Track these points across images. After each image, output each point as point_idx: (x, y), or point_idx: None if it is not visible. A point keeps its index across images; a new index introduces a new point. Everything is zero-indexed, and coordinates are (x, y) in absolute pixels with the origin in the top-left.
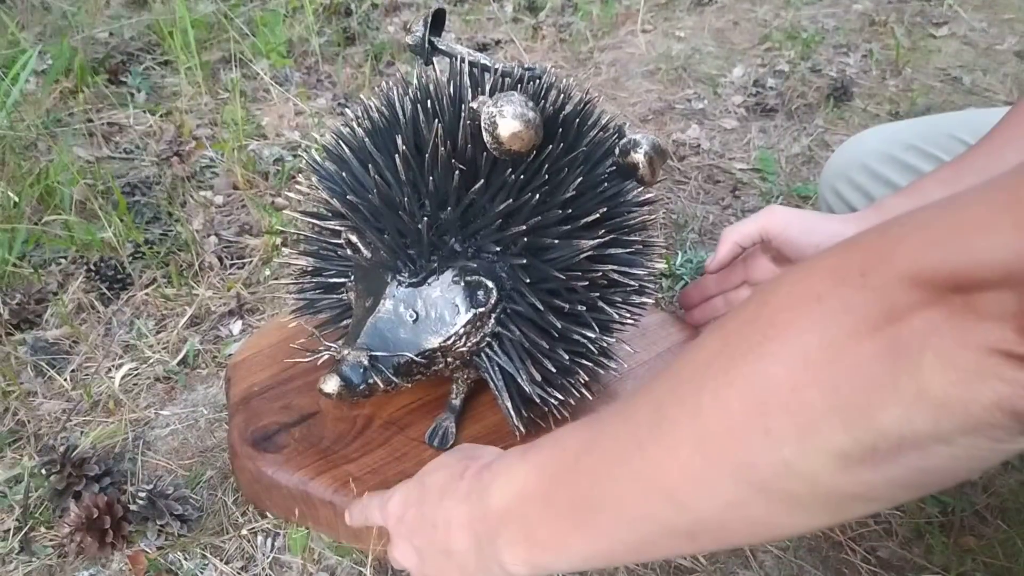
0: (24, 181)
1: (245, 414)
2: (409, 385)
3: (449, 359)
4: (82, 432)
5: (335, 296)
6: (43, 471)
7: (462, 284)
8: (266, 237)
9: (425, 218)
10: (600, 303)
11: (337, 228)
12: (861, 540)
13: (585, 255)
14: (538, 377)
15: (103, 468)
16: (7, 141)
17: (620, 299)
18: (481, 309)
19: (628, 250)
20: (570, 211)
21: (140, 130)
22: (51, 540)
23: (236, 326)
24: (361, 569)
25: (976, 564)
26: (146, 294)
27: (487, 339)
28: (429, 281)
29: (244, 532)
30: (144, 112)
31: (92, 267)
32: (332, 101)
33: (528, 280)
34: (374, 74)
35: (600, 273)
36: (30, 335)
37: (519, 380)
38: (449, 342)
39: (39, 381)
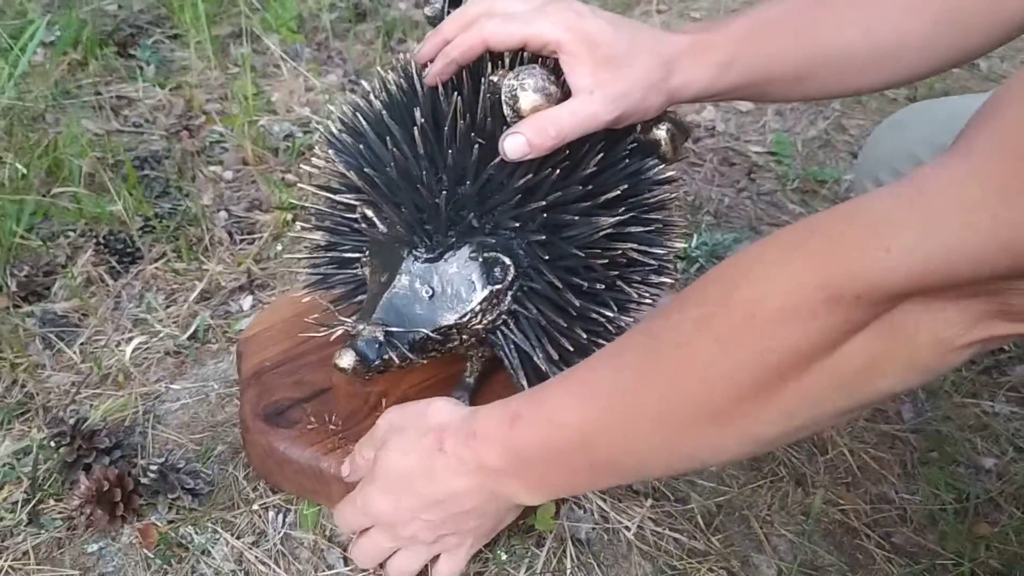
0: (32, 152)
1: (257, 389)
2: (424, 362)
3: (464, 336)
4: (91, 405)
5: (349, 271)
6: (52, 443)
7: (479, 260)
8: (277, 213)
9: (443, 192)
10: (619, 282)
11: (352, 202)
12: (875, 526)
13: (604, 233)
14: (555, 356)
15: (113, 441)
16: (15, 112)
17: (639, 278)
18: (498, 286)
19: (648, 228)
20: (590, 187)
21: (149, 104)
22: (60, 512)
23: (246, 301)
24: None
25: (990, 551)
26: (156, 268)
27: (503, 317)
28: (446, 257)
29: (255, 507)
30: (153, 86)
31: (101, 240)
32: (343, 78)
33: (546, 257)
34: (386, 51)
35: (619, 251)
36: (38, 307)
37: (535, 358)
38: (465, 319)
39: (47, 354)
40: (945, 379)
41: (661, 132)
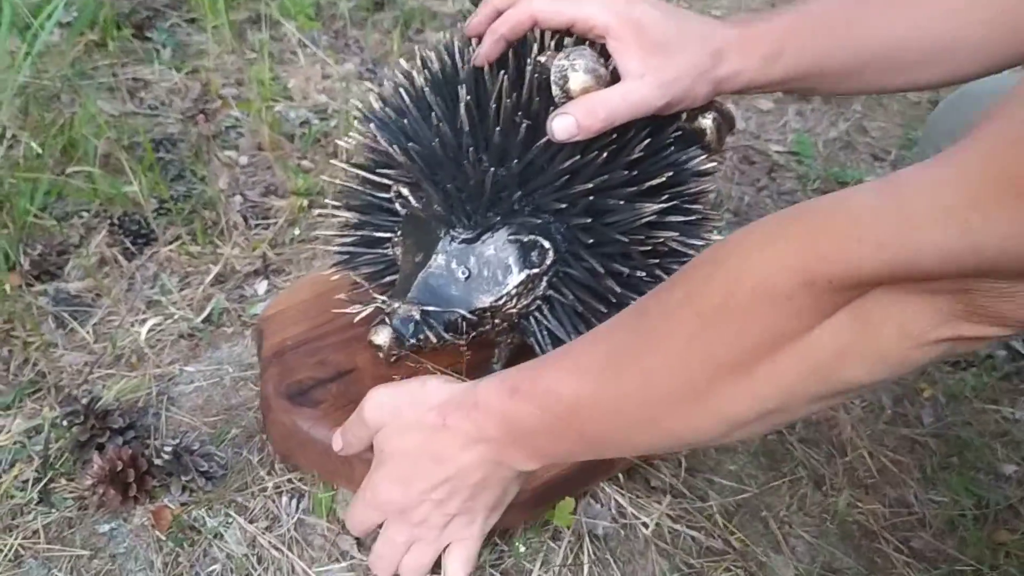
0: (47, 132)
1: (279, 368)
2: (461, 341)
3: (497, 320)
4: (104, 385)
5: (378, 251)
6: (65, 422)
7: (517, 244)
8: (293, 199)
9: (489, 171)
10: (658, 271)
11: (385, 182)
12: (894, 530)
13: (645, 221)
14: None
15: (127, 421)
16: (31, 91)
17: (677, 268)
18: (535, 270)
19: (688, 219)
20: (635, 173)
21: (165, 87)
22: (71, 492)
23: (261, 286)
24: None
25: (1010, 559)
26: (170, 251)
27: (537, 302)
28: (484, 239)
29: (269, 492)
30: (169, 69)
31: (115, 221)
32: (360, 66)
33: (589, 242)
34: (403, 41)
35: (661, 240)
36: (51, 286)
37: None
38: (500, 302)
39: (60, 333)
40: (966, 384)
41: (708, 121)
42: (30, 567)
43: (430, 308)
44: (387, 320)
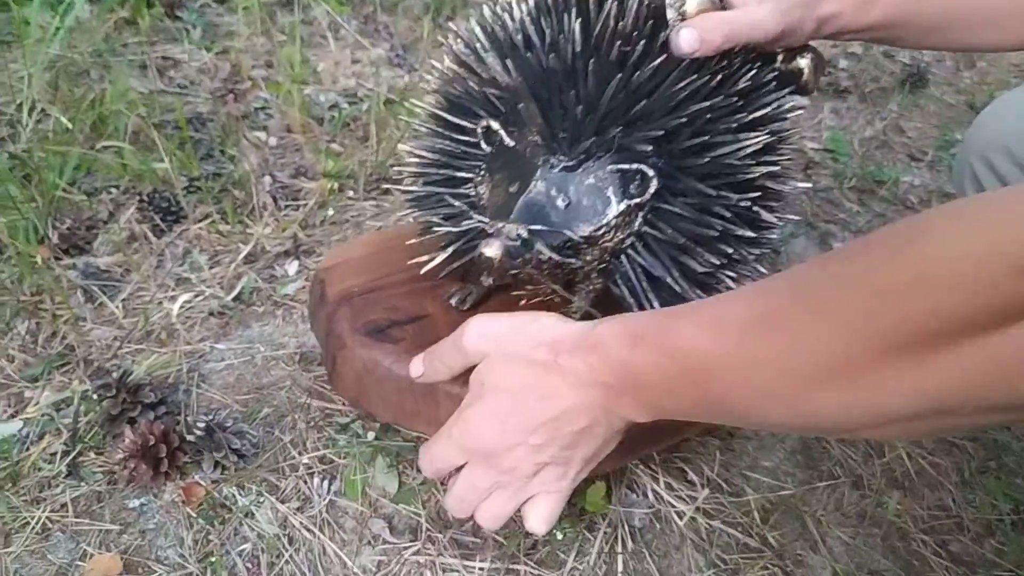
0: (77, 107)
1: (350, 309)
2: (574, 262)
3: (589, 257)
4: (133, 360)
5: (456, 191)
6: (96, 395)
7: (618, 173)
8: (323, 181)
9: (618, 77)
10: (755, 207)
11: (468, 124)
12: (932, 533)
13: (749, 153)
14: (700, 269)
15: (158, 396)
16: (61, 66)
17: (775, 205)
18: (635, 200)
19: (783, 157)
20: (741, 103)
21: (195, 66)
22: (100, 466)
23: (292, 266)
24: (419, 519)
25: None
26: (200, 229)
27: (631, 238)
28: (584, 167)
29: (301, 472)
30: (199, 49)
31: (145, 198)
32: (389, 51)
33: (701, 162)
34: (433, 28)
35: (765, 171)
36: (80, 260)
37: (669, 279)
38: (599, 232)
39: (89, 307)
40: None
41: (806, 60)
42: (58, 540)
43: (536, 227)
44: (495, 236)
